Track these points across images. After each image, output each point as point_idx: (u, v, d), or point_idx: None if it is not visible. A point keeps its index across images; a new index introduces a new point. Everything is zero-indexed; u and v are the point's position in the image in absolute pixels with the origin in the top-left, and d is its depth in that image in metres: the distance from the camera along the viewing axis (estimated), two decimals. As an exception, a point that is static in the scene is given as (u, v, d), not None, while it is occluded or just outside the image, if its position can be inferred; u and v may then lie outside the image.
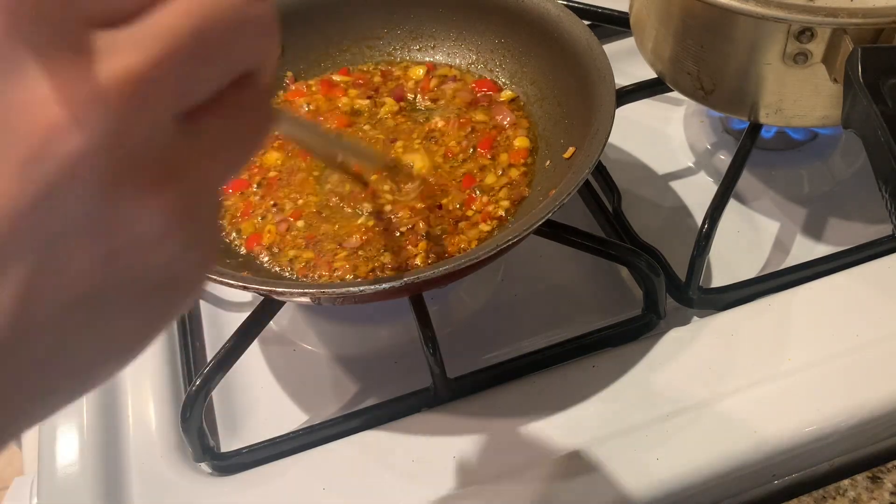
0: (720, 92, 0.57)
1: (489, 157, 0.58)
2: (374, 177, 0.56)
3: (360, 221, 0.55)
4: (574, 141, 0.54)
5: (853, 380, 0.51)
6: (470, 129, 0.60)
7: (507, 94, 0.62)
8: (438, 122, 0.60)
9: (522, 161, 0.57)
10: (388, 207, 0.55)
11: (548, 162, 0.57)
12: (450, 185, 0.56)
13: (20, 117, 0.19)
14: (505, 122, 0.60)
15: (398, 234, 0.54)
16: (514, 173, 0.57)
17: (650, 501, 0.48)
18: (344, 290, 0.46)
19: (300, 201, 0.56)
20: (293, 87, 0.65)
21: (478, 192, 0.56)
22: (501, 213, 0.54)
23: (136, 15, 0.20)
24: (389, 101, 0.62)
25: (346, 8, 0.65)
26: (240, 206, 0.57)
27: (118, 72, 0.19)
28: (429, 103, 0.62)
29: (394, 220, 0.54)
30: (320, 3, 0.65)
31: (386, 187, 0.56)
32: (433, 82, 0.63)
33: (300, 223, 0.55)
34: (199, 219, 0.22)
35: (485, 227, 0.54)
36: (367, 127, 0.61)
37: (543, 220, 0.47)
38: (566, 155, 0.54)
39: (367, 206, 0.55)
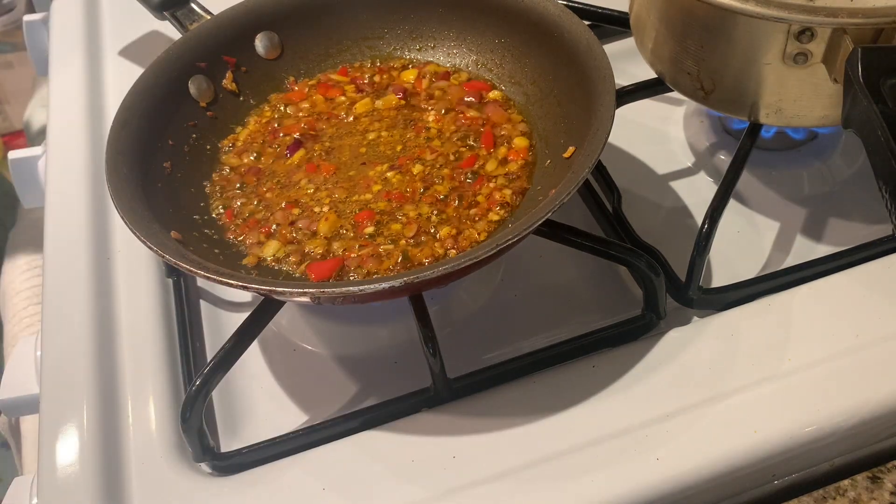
0: (720, 92, 0.57)
1: (488, 152, 0.58)
2: (398, 148, 0.59)
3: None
4: (574, 140, 0.54)
5: (853, 380, 0.51)
6: (462, 122, 0.60)
7: (496, 94, 0.62)
8: (431, 116, 0.61)
9: (522, 159, 0.57)
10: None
11: (548, 161, 0.57)
12: (450, 172, 0.57)
13: None
14: (497, 118, 0.60)
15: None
16: (514, 167, 0.57)
17: (650, 501, 0.48)
18: (344, 289, 0.46)
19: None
20: (295, 89, 0.65)
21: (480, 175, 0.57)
22: (507, 200, 0.55)
23: None
24: (391, 96, 0.63)
25: (346, 8, 0.66)
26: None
27: None
28: (424, 101, 0.62)
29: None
30: (320, 3, 0.65)
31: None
32: (425, 82, 0.64)
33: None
34: None
35: (494, 217, 0.54)
36: (364, 121, 0.62)
37: (543, 220, 0.47)
38: (566, 154, 0.54)
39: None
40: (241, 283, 0.47)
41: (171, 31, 0.69)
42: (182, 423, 0.50)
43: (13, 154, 0.81)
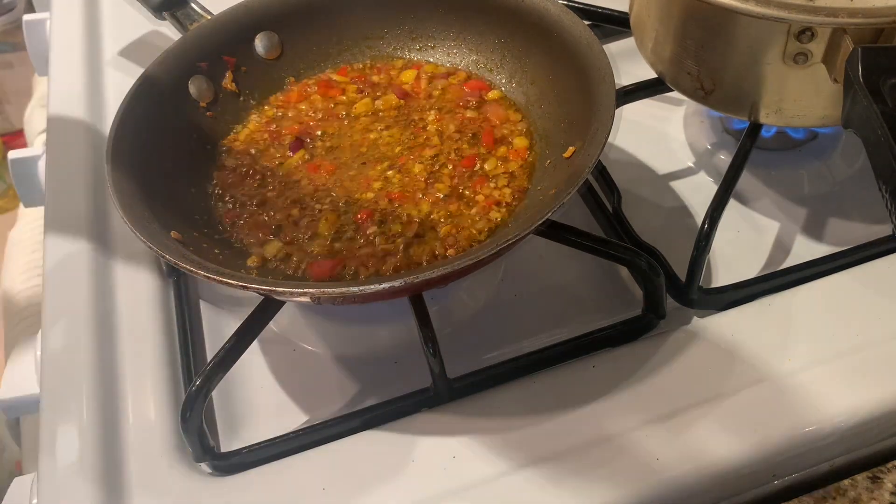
0: (720, 92, 0.57)
1: (488, 151, 0.58)
2: (398, 148, 0.59)
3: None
4: (574, 140, 0.54)
5: (853, 380, 0.51)
6: (461, 122, 0.60)
7: (495, 94, 0.62)
8: (431, 116, 0.61)
9: (522, 159, 0.57)
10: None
11: (548, 161, 0.57)
12: (450, 172, 0.57)
13: None
14: (497, 118, 0.60)
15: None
16: (514, 166, 0.57)
17: (650, 501, 0.48)
18: (344, 289, 0.46)
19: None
20: (295, 89, 0.65)
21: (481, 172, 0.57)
22: (507, 200, 0.55)
23: None
24: (391, 96, 0.63)
25: (346, 8, 0.66)
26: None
27: None
28: (424, 101, 0.63)
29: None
30: (320, 4, 0.65)
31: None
32: (424, 82, 0.64)
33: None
34: None
35: (494, 217, 0.54)
36: (364, 120, 0.62)
37: (544, 221, 0.47)
38: (566, 154, 0.54)
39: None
40: (241, 283, 0.47)
41: (171, 30, 0.69)
42: (182, 423, 0.50)
43: (13, 154, 0.81)
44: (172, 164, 0.58)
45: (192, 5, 0.67)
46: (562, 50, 0.58)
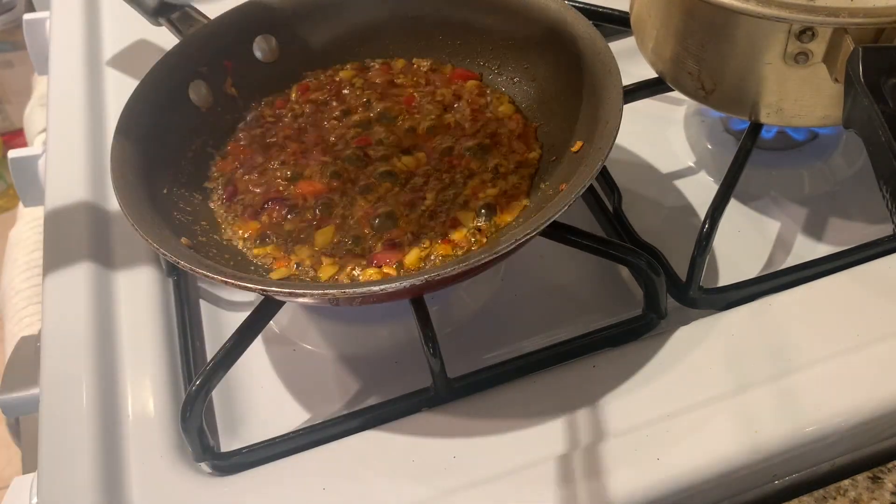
0: (721, 92, 0.57)
1: (489, 149, 0.58)
2: (399, 148, 0.59)
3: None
4: (578, 137, 0.55)
5: (853, 380, 0.51)
6: (462, 121, 0.60)
7: (496, 93, 0.62)
8: (431, 116, 0.61)
9: (524, 158, 0.57)
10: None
11: (552, 159, 0.57)
12: (451, 173, 0.57)
13: None
14: (499, 117, 0.60)
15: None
16: (515, 164, 0.57)
17: (650, 501, 0.48)
18: (344, 290, 0.46)
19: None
20: (294, 91, 0.65)
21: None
22: (509, 199, 0.55)
23: None
24: (391, 97, 0.63)
25: (344, 10, 0.65)
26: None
27: None
28: (425, 102, 0.62)
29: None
30: (320, 5, 0.65)
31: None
32: (423, 82, 0.64)
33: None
34: None
35: (498, 215, 0.54)
36: (365, 122, 0.62)
37: (547, 223, 0.47)
38: (573, 149, 0.54)
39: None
40: (241, 283, 0.47)
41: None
42: (182, 423, 0.50)
43: (13, 153, 0.81)
44: (175, 169, 0.58)
45: (189, 9, 0.67)
46: (564, 47, 0.58)
